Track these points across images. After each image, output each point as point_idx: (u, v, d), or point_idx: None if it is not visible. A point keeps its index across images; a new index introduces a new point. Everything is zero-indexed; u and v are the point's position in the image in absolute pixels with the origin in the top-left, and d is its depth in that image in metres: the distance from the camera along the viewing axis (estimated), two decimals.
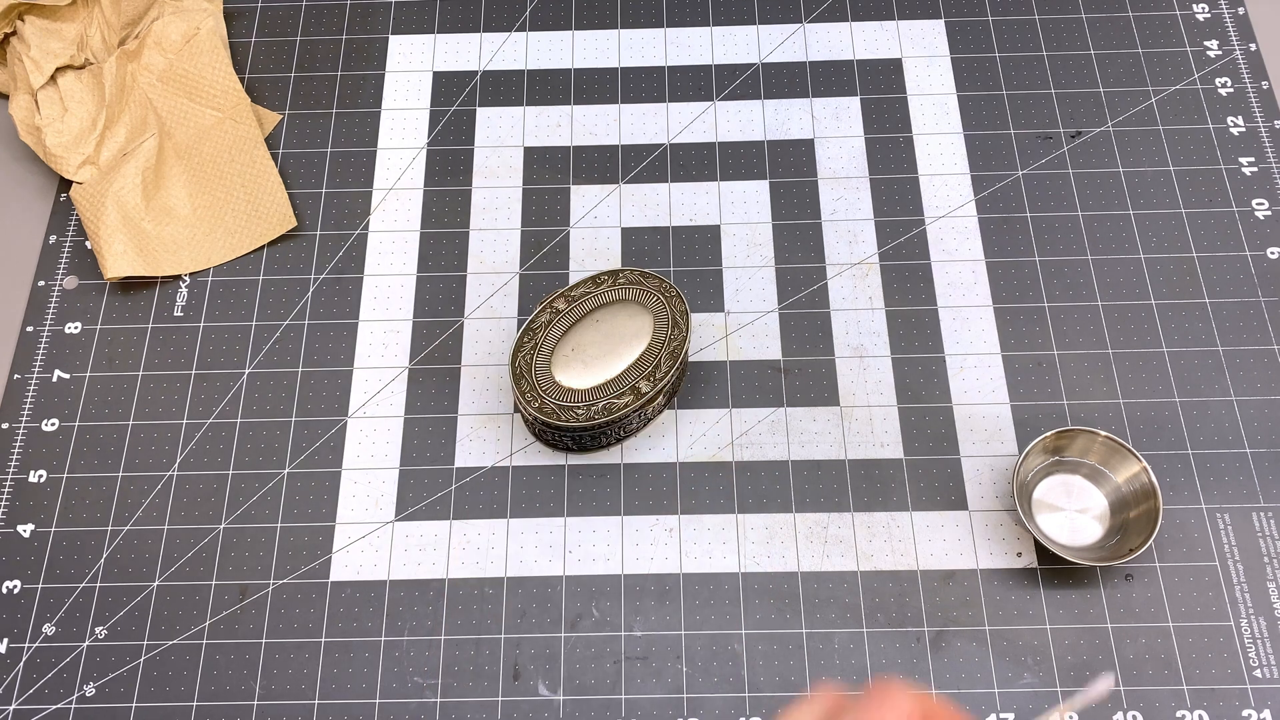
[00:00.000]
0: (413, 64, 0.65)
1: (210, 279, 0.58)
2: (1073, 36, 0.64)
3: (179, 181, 0.60)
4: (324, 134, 0.62)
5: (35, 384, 0.56)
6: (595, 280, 0.54)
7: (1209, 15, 0.65)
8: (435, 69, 0.64)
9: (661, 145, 0.61)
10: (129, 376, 0.56)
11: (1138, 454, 0.50)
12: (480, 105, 0.63)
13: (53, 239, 0.60)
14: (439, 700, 0.48)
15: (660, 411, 0.54)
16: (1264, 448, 0.53)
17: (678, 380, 0.54)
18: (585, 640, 0.50)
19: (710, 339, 0.56)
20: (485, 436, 0.54)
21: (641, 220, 0.59)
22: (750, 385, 0.55)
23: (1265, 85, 0.62)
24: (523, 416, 0.53)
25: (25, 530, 0.52)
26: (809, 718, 0.42)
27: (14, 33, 0.62)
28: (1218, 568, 0.50)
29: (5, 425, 0.55)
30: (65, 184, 0.61)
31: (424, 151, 0.62)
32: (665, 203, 0.60)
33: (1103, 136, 0.61)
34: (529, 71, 0.64)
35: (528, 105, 0.63)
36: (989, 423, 0.54)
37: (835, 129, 0.62)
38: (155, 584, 0.51)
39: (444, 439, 0.54)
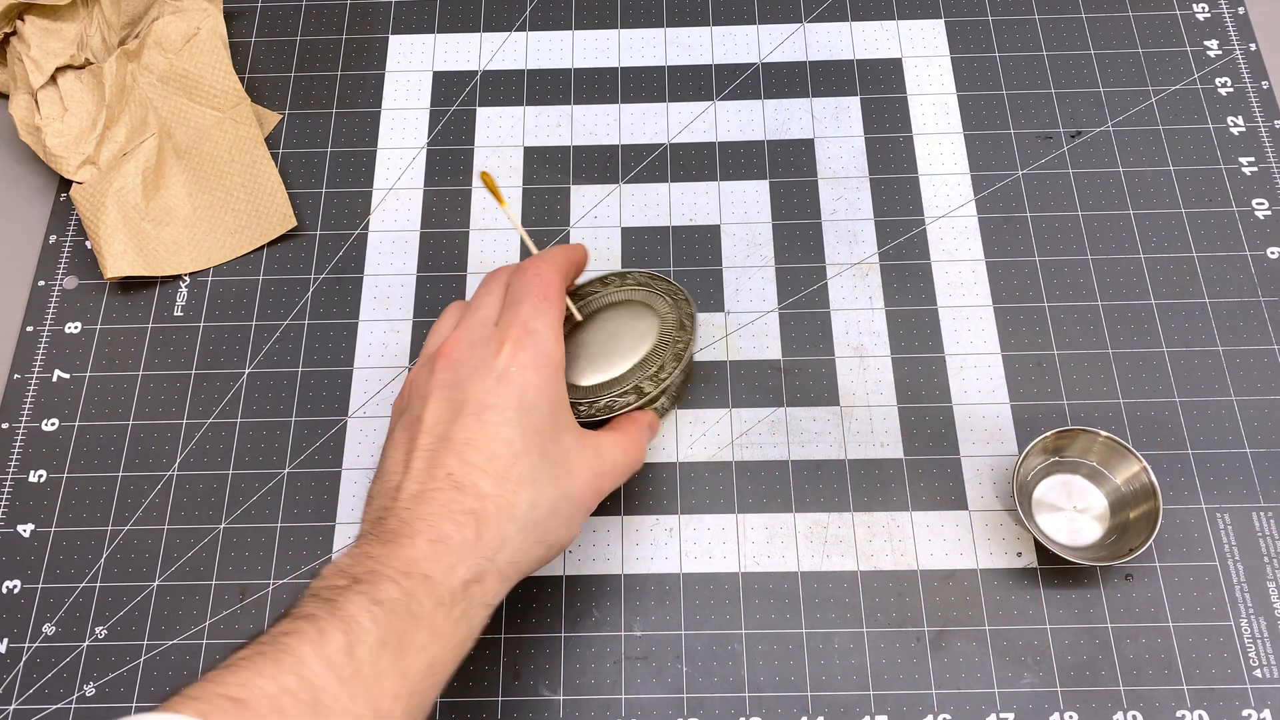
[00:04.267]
0: (413, 64, 0.65)
1: (210, 279, 0.58)
2: (1073, 36, 0.64)
3: (179, 181, 0.60)
4: (324, 134, 0.62)
5: (35, 384, 0.56)
6: (604, 281, 0.54)
7: (1209, 15, 0.65)
8: (435, 69, 0.64)
9: (661, 145, 0.61)
10: (129, 376, 0.56)
11: (1138, 454, 0.50)
12: (480, 105, 0.63)
13: (53, 239, 0.60)
14: (439, 700, 0.48)
15: (664, 414, 0.54)
16: (1264, 448, 0.53)
17: (682, 384, 0.54)
18: (585, 640, 0.50)
19: (710, 339, 0.56)
20: None
21: (641, 220, 0.59)
22: (750, 385, 0.55)
23: (1265, 85, 0.62)
24: None
25: (25, 530, 0.52)
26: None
27: (14, 32, 0.62)
28: (1218, 568, 0.50)
29: (5, 425, 0.55)
30: (65, 184, 0.61)
31: (424, 151, 0.62)
32: (665, 202, 0.60)
33: (1103, 136, 0.61)
34: (529, 71, 0.64)
35: (528, 105, 0.63)
36: (989, 422, 0.54)
37: (835, 129, 0.62)
38: (155, 584, 0.51)
39: None
